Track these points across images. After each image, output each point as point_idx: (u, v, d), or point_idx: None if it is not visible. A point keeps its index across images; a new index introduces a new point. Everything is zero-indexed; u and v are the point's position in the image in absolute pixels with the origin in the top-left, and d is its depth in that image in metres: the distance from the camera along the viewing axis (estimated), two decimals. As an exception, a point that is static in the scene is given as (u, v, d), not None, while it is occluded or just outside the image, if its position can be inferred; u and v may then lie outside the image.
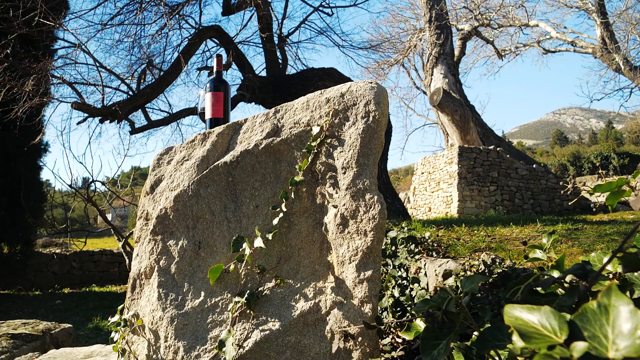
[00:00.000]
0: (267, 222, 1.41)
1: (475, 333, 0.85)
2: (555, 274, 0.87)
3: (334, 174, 1.33)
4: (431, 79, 12.54)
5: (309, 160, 1.36)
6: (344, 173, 1.31)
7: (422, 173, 12.18)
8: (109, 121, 5.89)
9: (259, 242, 1.33)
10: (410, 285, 2.33)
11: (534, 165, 10.87)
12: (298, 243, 1.38)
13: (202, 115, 1.84)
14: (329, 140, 1.35)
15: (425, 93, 18.00)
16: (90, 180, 5.16)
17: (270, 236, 1.36)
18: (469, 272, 2.10)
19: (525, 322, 0.47)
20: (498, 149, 10.62)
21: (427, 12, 12.48)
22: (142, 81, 6.72)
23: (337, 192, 1.32)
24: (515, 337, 0.51)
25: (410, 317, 2.19)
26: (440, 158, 11.20)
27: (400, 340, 2.08)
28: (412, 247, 2.61)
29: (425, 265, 2.45)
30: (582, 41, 14.15)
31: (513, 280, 0.73)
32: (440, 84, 11.91)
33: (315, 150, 1.36)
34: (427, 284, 2.35)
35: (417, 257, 2.55)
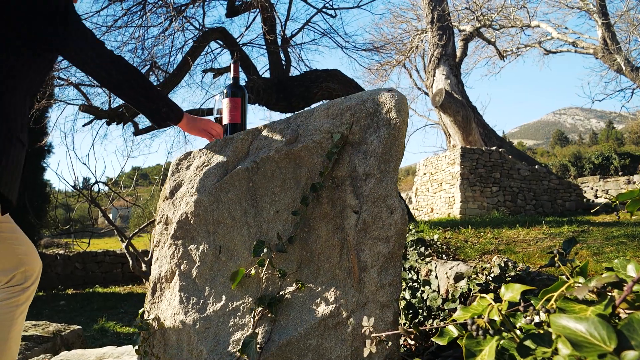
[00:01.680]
0: (287, 227, 1.43)
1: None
2: (581, 280, 0.89)
3: (354, 180, 1.36)
4: (433, 79, 12.56)
5: (330, 166, 1.38)
6: (365, 179, 1.33)
7: (425, 174, 12.20)
8: (115, 123, 5.91)
9: (279, 247, 1.36)
10: (422, 288, 2.35)
11: (536, 166, 10.90)
12: (318, 248, 1.40)
13: (218, 121, 1.86)
14: (349, 147, 1.38)
15: (426, 94, 18.02)
16: (94, 181, 5.18)
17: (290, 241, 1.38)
18: (480, 275, 2.12)
19: (573, 331, 0.49)
20: (500, 149, 10.65)
21: (429, 13, 12.50)
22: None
23: (358, 198, 1.34)
24: (561, 345, 0.53)
25: (422, 319, 2.22)
26: (442, 159, 11.23)
27: (412, 343, 2.10)
28: (422, 249, 2.63)
29: (435, 267, 2.47)
30: (583, 42, 14.17)
31: (545, 288, 0.75)
32: (442, 85, 11.93)
33: (336, 157, 1.38)
34: (438, 287, 2.37)
35: (427, 259, 2.57)
